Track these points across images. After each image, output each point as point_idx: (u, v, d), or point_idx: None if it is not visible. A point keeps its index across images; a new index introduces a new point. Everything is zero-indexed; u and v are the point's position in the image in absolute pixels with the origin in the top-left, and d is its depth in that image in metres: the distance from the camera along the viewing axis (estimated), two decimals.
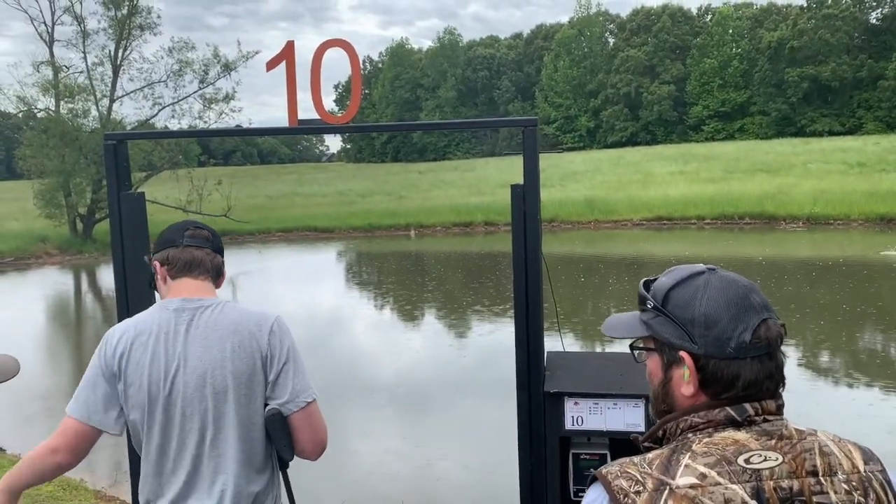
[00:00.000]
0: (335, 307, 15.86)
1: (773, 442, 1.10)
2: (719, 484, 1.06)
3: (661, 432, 1.18)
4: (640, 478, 1.09)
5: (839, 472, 1.09)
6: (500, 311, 13.55)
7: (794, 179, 32.29)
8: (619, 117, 68.73)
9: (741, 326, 1.13)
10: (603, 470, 1.13)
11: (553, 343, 2.90)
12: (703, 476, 1.06)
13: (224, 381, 1.91)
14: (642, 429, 2.33)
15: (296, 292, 17.32)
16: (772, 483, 1.06)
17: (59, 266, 24.04)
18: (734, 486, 1.06)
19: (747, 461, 1.07)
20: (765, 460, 1.08)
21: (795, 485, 1.07)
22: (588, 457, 2.41)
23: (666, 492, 1.07)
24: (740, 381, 1.13)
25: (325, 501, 5.98)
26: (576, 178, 40.41)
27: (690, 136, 63.85)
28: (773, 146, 45.98)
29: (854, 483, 1.08)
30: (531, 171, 2.51)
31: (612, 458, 1.92)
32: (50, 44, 27.90)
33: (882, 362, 9.95)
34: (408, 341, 12.12)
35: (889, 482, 1.11)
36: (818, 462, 1.09)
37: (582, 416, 2.43)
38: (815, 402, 8.20)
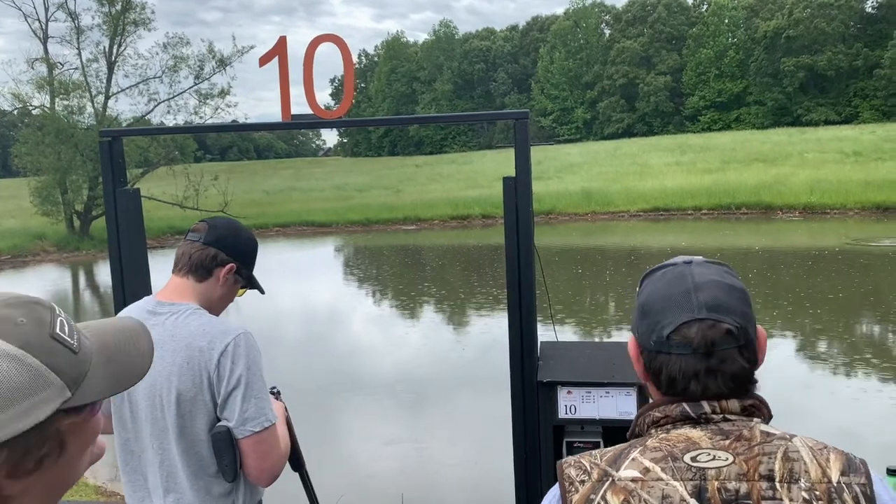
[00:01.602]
0: (333, 301, 15.89)
1: (728, 442, 1.06)
2: (661, 479, 1.04)
3: (636, 428, 1.17)
4: (588, 468, 1.10)
5: (802, 480, 1.02)
6: (497, 303, 13.59)
7: (791, 169, 32.34)
8: (616, 109, 68.69)
9: (665, 322, 1.10)
10: (561, 460, 1.16)
11: (547, 334, 2.93)
12: (646, 470, 1.06)
13: (169, 395, 1.88)
14: (634, 416, 2.36)
15: (294, 287, 17.33)
16: (717, 483, 1.03)
17: (56, 263, 24.03)
18: (675, 483, 1.04)
19: (694, 459, 1.05)
20: (713, 459, 1.04)
21: (743, 487, 1.02)
22: (581, 445, 2.44)
23: (607, 483, 1.07)
24: (663, 376, 1.11)
25: (324, 495, 6.02)
26: (573, 169, 40.43)
27: (687, 127, 63.84)
28: (769, 136, 46.02)
29: (818, 493, 1.02)
30: (523, 163, 2.53)
31: (605, 446, 1.97)
32: (44, 40, 27.82)
33: (878, 350, 10.00)
34: (406, 335, 12.15)
35: (870, 496, 1.03)
36: (777, 467, 1.03)
37: (575, 404, 2.46)
38: (810, 389, 8.25)
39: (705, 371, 1.09)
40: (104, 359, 0.85)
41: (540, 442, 2.52)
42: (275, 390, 2.29)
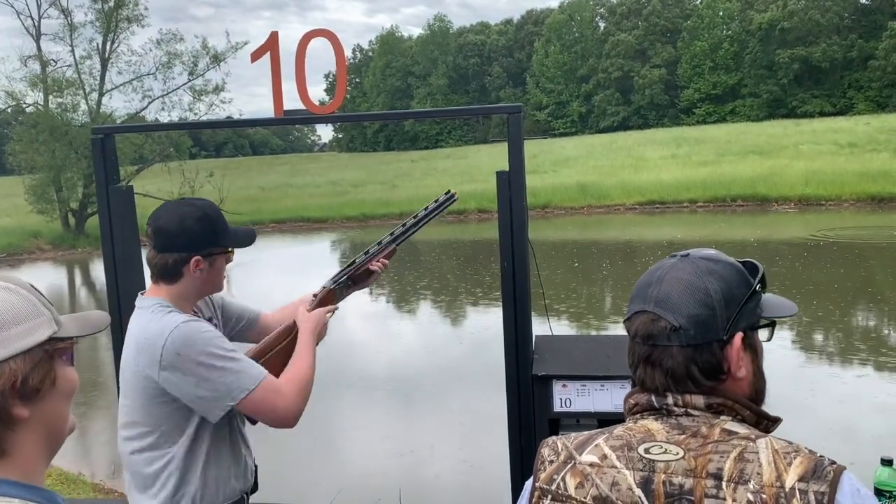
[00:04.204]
0: None
1: (683, 437, 1.08)
2: (614, 467, 1.08)
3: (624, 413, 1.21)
4: (559, 449, 1.15)
5: (752, 482, 1.01)
6: (494, 298, 13.60)
7: (786, 161, 32.34)
8: (611, 102, 68.65)
9: (628, 309, 1.18)
10: (546, 438, 1.21)
11: (542, 327, 2.93)
12: (604, 457, 1.10)
13: (125, 390, 1.97)
14: None
15: (290, 283, 17.32)
16: (663, 476, 1.05)
17: (52, 261, 23.97)
18: (626, 472, 1.07)
19: (647, 451, 1.07)
20: (664, 452, 1.07)
21: (688, 483, 1.03)
22: None
23: (570, 465, 1.12)
24: (628, 359, 1.18)
25: (321, 490, 6.03)
26: (568, 163, 40.40)
27: (682, 120, 63.83)
28: (764, 128, 46.02)
29: (765, 496, 1.00)
30: (516, 157, 2.53)
31: None
32: (37, 38, 27.68)
33: (874, 340, 10.03)
34: (403, 330, 12.16)
35: None
36: (727, 466, 1.03)
37: (570, 398, 2.47)
38: (807, 381, 8.28)
39: (646, 361, 1.13)
40: (71, 318, 1.03)
41: (535, 435, 2.53)
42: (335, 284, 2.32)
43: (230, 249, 2.09)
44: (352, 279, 2.38)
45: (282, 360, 2.14)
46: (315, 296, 2.32)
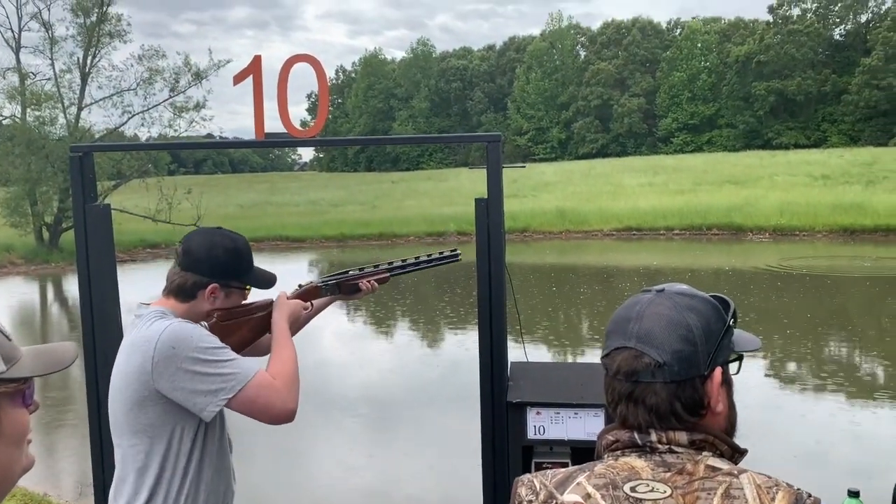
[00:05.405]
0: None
1: (668, 474, 1.06)
2: None
3: (597, 450, 1.19)
4: (538, 488, 1.12)
5: None
6: (470, 321, 13.60)
7: (761, 191, 32.87)
8: (590, 129, 69.41)
9: (606, 344, 1.16)
10: (519, 476, 1.19)
11: (517, 354, 2.95)
12: (587, 496, 1.07)
13: (113, 396, 1.95)
14: None
15: None
16: None
17: (24, 276, 23.60)
18: None
19: (633, 489, 1.06)
20: (651, 490, 1.05)
21: None
22: (550, 465, 2.44)
23: None
24: (606, 395, 1.16)
25: None
26: (547, 188, 40.74)
27: (660, 149, 64.65)
28: (740, 158, 46.78)
29: None
30: (495, 185, 2.56)
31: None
32: (16, 50, 27.49)
33: (844, 370, 10.15)
34: (378, 351, 12.11)
35: None
36: (715, 503, 1.02)
37: (544, 425, 2.48)
38: (778, 411, 8.34)
39: (628, 398, 1.12)
40: (33, 353, 0.94)
41: (509, 462, 2.53)
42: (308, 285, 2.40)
43: (248, 288, 2.16)
44: (339, 287, 2.45)
45: (247, 331, 2.17)
46: (300, 286, 2.37)
